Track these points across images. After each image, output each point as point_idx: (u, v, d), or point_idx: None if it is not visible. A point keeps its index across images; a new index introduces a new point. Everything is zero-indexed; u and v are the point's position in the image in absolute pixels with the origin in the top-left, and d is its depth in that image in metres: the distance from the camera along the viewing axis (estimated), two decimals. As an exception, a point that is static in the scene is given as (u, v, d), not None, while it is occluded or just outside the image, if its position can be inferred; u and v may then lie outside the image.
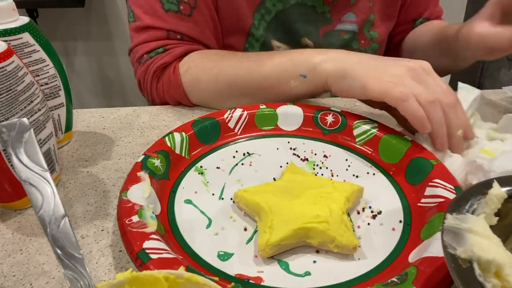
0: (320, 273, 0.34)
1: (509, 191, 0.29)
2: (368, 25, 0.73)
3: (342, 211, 0.38)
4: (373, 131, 0.50)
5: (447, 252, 0.26)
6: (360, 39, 0.73)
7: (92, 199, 0.44)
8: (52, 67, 0.48)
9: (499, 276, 0.25)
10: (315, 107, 0.54)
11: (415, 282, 0.30)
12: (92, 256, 0.37)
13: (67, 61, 2.02)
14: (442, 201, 0.38)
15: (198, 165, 0.47)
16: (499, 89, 0.69)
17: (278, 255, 0.36)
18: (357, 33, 0.72)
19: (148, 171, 0.42)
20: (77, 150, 0.53)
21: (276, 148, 0.51)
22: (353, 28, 0.72)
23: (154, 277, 0.25)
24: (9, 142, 0.27)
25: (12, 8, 0.43)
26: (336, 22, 0.70)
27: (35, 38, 0.45)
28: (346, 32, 0.71)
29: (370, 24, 0.73)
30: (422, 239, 0.36)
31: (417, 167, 0.44)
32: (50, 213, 0.26)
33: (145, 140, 0.54)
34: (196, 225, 0.39)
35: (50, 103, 0.49)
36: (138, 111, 0.62)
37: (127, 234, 0.34)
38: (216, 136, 0.51)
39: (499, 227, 0.28)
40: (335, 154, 0.50)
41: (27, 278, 0.35)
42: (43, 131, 0.42)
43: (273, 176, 0.46)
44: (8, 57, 0.37)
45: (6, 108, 0.37)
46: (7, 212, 0.42)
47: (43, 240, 0.39)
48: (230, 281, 0.33)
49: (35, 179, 0.26)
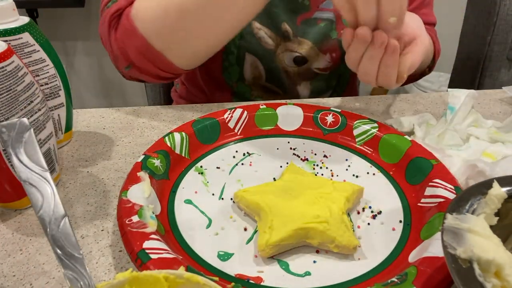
0: (320, 273, 0.34)
1: (509, 191, 0.29)
2: None
3: (342, 211, 0.38)
4: (373, 131, 0.50)
5: (447, 252, 0.26)
6: (339, 29, 0.71)
7: (92, 199, 0.44)
8: (52, 67, 0.48)
9: (499, 276, 0.25)
10: (315, 107, 0.54)
11: (415, 282, 0.30)
12: (92, 256, 0.37)
13: (67, 61, 2.02)
14: (442, 201, 0.38)
15: (198, 165, 0.47)
16: (499, 89, 0.69)
17: (278, 255, 0.36)
18: (334, 22, 0.70)
19: (148, 171, 0.42)
20: (77, 150, 0.53)
21: (276, 148, 0.51)
22: (329, 16, 0.69)
23: (154, 277, 0.25)
24: (9, 142, 0.27)
25: (12, 8, 0.43)
26: (315, 9, 0.68)
27: (35, 38, 0.45)
28: (322, 20, 0.69)
29: None
30: (422, 239, 0.36)
31: (417, 167, 0.44)
32: (50, 213, 0.26)
33: (145, 140, 0.54)
34: (196, 225, 0.39)
35: (50, 103, 0.49)
36: (138, 111, 0.62)
37: (127, 234, 0.34)
38: (216, 136, 0.51)
39: (499, 227, 0.28)
40: (335, 154, 0.50)
41: (27, 278, 0.35)
42: (43, 131, 0.42)
43: (273, 176, 0.46)
44: (8, 57, 0.37)
45: (6, 108, 0.37)
46: (7, 212, 0.42)
47: (43, 240, 0.39)
48: (230, 281, 0.33)
49: (35, 179, 0.26)
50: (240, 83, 0.73)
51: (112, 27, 0.57)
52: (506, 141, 0.49)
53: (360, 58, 0.47)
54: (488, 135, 0.50)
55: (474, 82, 1.04)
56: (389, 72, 0.47)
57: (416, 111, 0.62)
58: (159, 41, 0.55)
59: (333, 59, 0.71)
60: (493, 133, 0.50)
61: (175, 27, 0.53)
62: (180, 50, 0.56)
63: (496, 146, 0.47)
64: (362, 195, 0.42)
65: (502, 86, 0.68)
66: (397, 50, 0.45)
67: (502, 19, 0.96)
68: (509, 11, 0.95)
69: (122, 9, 0.56)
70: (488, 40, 0.99)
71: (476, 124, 0.52)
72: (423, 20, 0.79)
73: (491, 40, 0.99)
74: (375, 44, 0.44)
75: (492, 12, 0.96)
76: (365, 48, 0.46)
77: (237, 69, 0.71)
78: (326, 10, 0.69)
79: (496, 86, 1.02)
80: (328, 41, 0.69)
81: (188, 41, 0.54)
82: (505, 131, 0.51)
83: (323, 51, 0.70)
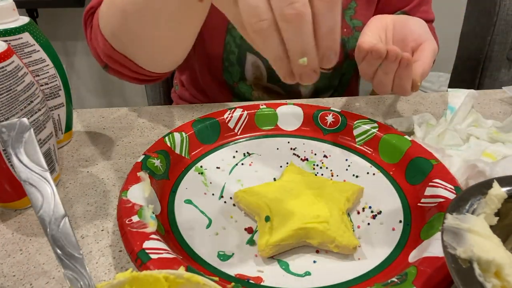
0: (320, 273, 0.34)
1: (509, 191, 0.29)
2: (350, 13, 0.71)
3: (342, 211, 0.38)
4: (373, 131, 0.50)
5: (447, 252, 0.26)
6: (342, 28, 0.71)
7: (92, 199, 0.44)
8: (52, 67, 0.48)
9: (499, 276, 0.25)
10: (315, 107, 0.54)
11: (415, 282, 0.30)
12: (92, 256, 0.37)
13: (67, 61, 2.02)
14: (442, 201, 0.38)
15: (198, 165, 0.47)
16: (499, 89, 0.69)
17: (278, 255, 0.36)
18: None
19: (148, 171, 0.42)
20: (77, 150, 0.53)
21: (276, 148, 0.51)
22: None
23: (154, 277, 0.25)
24: (9, 142, 0.27)
25: (12, 8, 0.43)
26: None
27: (35, 38, 0.45)
28: None
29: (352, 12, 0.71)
30: (422, 239, 0.36)
31: (417, 167, 0.44)
32: (50, 213, 0.26)
33: (145, 140, 0.54)
34: (196, 225, 0.39)
35: (50, 103, 0.49)
36: (138, 111, 0.62)
37: (127, 234, 0.34)
38: (216, 136, 0.51)
39: (499, 227, 0.28)
40: (335, 154, 0.50)
41: (27, 278, 0.35)
42: (43, 131, 0.42)
43: (273, 176, 0.46)
44: (8, 57, 0.37)
45: (6, 108, 0.37)
46: (7, 212, 0.42)
47: (43, 240, 0.39)
48: (230, 281, 0.33)
49: (35, 179, 0.26)
50: (241, 83, 0.73)
51: (87, 26, 0.55)
52: (506, 141, 0.49)
53: (374, 71, 0.49)
54: (488, 135, 0.50)
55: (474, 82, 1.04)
56: (404, 83, 0.48)
57: (416, 111, 0.62)
58: (116, 43, 0.52)
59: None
60: (493, 133, 0.50)
61: (122, 28, 0.50)
62: (137, 52, 0.52)
63: (496, 146, 0.47)
64: (362, 195, 0.42)
65: (502, 86, 0.68)
66: (411, 63, 0.47)
67: (502, 19, 0.96)
68: (509, 11, 0.95)
69: (95, 7, 0.55)
70: (488, 40, 0.99)
71: (476, 124, 0.52)
72: (422, 17, 0.78)
73: (491, 40, 0.99)
74: (389, 59, 0.46)
75: (492, 12, 0.96)
76: (379, 63, 0.47)
77: (238, 69, 0.71)
78: None
79: (496, 86, 1.02)
80: None
81: (138, 44, 0.51)
82: (505, 131, 0.51)
83: None
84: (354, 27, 0.72)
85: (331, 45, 0.30)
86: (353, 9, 0.71)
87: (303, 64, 0.30)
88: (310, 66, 0.30)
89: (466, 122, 0.52)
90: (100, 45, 0.53)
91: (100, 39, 0.53)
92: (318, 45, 0.30)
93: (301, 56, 0.29)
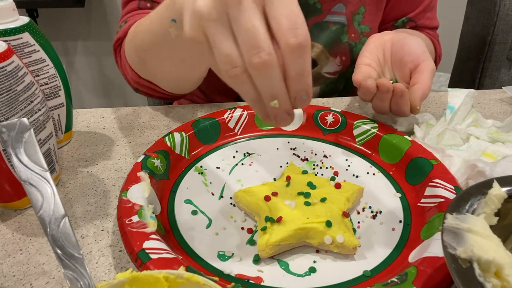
0: (320, 273, 0.34)
1: (509, 191, 0.29)
2: (359, 18, 0.72)
3: (342, 211, 0.38)
4: (373, 131, 0.50)
5: (447, 252, 0.26)
6: (350, 33, 0.71)
7: (92, 199, 0.44)
8: (52, 67, 0.48)
9: (499, 276, 0.25)
10: (315, 107, 0.54)
11: (415, 282, 0.30)
12: (92, 256, 0.37)
13: (67, 61, 2.02)
14: (442, 201, 0.38)
15: (198, 165, 0.47)
16: (499, 89, 0.69)
17: (278, 255, 0.36)
18: (346, 25, 0.70)
19: (148, 171, 0.42)
20: (77, 150, 0.53)
21: (276, 148, 0.51)
22: (341, 20, 0.70)
23: (154, 277, 0.25)
24: (9, 142, 0.27)
25: (12, 8, 0.43)
26: (326, 13, 0.69)
27: (35, 38, 0.45)
28: (334, 24, 0.69)
29: (360, 17, 0.72)
30: (422, 239, 0.36)
31: (417, 167, 0.44)
32: (50, 213, 0.26)
33: (145, 140, 0.54)
34: (196, 225, 0.39)
35: (50, 103, 0.49)
36: (138, 111, 0.62)
37: (127, 234, 0.34)
38: (216, 136, 0.51)
39: (499, 227, 0.28)
40: (335, 154, 0.50)
41: (27, 278, 0.35)
42: (43, 131, 0.42)
43: (273, 176, 0.46)
44: (8, 57, 0.37)
45: (6, 108, 0.37)
46: (7, 212, 0.42)
47: (43, 240, 0.39)
48: (230, 281, 0.33)
49: (35, 179, 0.26)
50: None
51: (117, 55, 0.61)
52: (506, 141, 0.49)
53: (371, 99, 0.51)
54: (488, 135, 0.50)
55: (474, 82, 1.04)
56: (400, 109, 0.50)
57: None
58: (141, 72, 0.57)
59: (343, 62, 0.72)
60: (493, 133, 0.50)
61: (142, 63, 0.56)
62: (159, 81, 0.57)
63: (496, 146, 0.47)
64: (362, 195, 0.42)
65: (502, 86, 0.68)
66: (405, 92, 0.48)
67: (502, 19, 0.96)
68: (509, 11, 0.95)
69: (122, 38, 0.59)
70: (488, 40, 0.99)
71: (476, 124, 0.52)
72: (427, 24, 0.78)
73: (491, 40, 0.99)
74: (381, 92, 0.48)
75: (492, 12, 0.96)
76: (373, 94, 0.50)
77: None
78: (338, 13, 0.69)
79: (496, 86, 1.02)
80: (339, 44, 0.70)
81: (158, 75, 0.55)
82: (505, 131, 0.51)
83: (333, 54, 0.70)
84: (361, 33, 0.73)
85: (301, 87, 0.31)
86: (361, 14, 0.71)
87: (276, 106, 0.31)
88: (282, 107, 0.31)
89: (466, 122, 0.52)
90: (129, 73, 0.59)
91: (128, 68, 0.58)
92: (289, 88, 0.31)
93: (272, 99, 0.31)
